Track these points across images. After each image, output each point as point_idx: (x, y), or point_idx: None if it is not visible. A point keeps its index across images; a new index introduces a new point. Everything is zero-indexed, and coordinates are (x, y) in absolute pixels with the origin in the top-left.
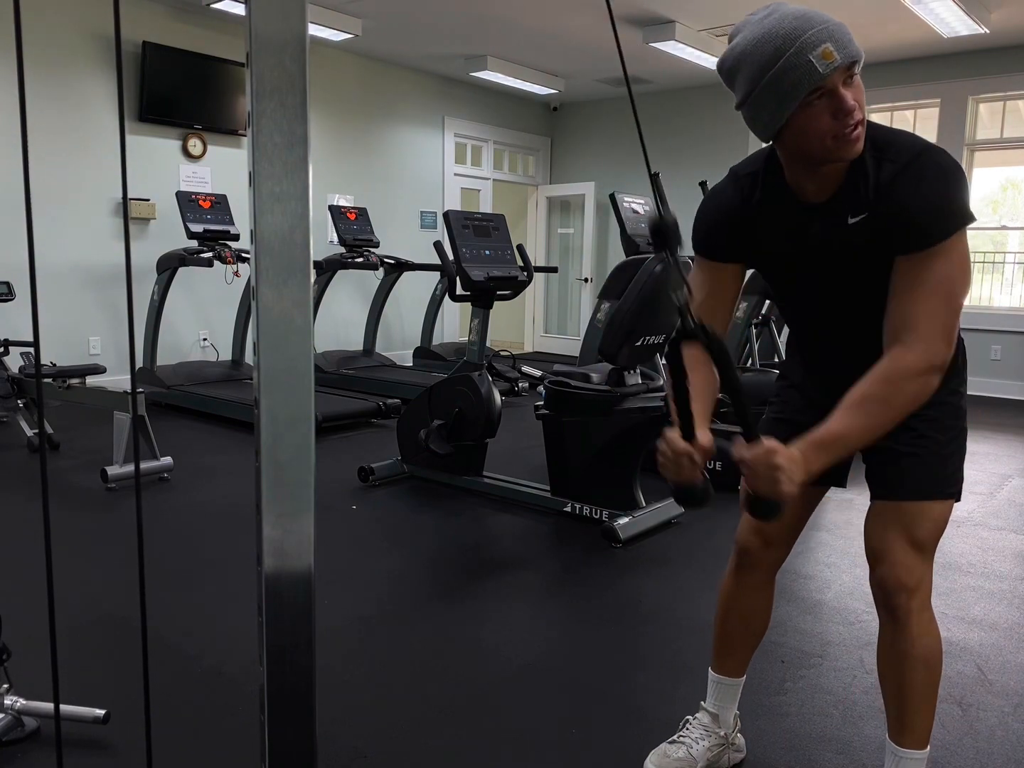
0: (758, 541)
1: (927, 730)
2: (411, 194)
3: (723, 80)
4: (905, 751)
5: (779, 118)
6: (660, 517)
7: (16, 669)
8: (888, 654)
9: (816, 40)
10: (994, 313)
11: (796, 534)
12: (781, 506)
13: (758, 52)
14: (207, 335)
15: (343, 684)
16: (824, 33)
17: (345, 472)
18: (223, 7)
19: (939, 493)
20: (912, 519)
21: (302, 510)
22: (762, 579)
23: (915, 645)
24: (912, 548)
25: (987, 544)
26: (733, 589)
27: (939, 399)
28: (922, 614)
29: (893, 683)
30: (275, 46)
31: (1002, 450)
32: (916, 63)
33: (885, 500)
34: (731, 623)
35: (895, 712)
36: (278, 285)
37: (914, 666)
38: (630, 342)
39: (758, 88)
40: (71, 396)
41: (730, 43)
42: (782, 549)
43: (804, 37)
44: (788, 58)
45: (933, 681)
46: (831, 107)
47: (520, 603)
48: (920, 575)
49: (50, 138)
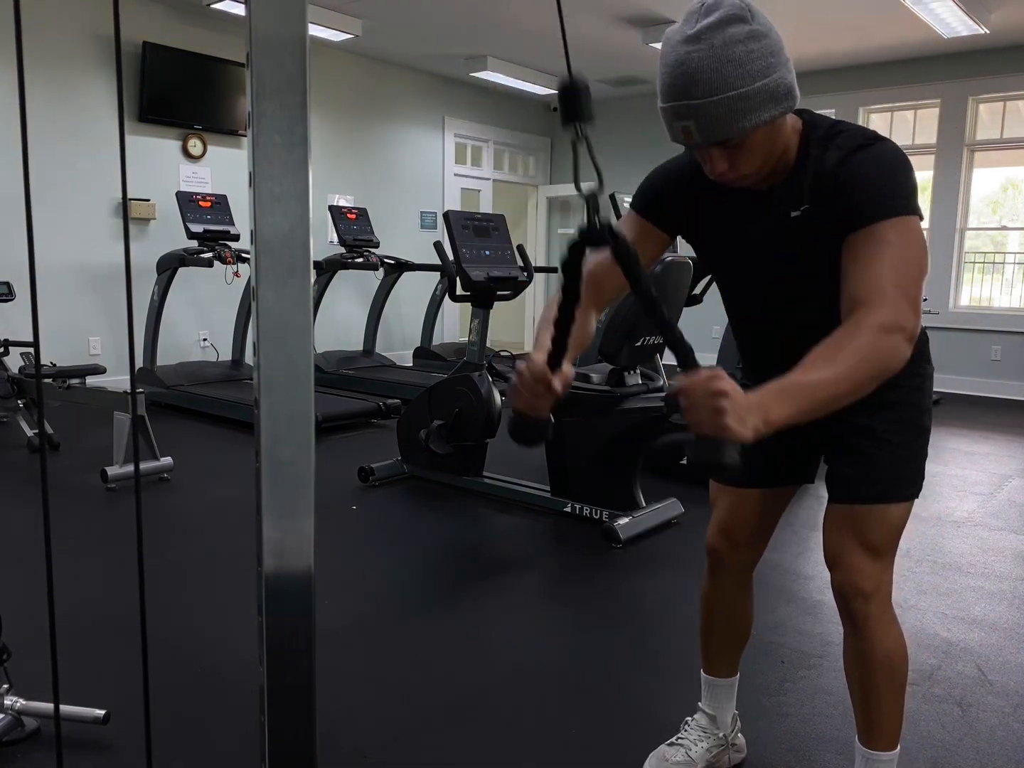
0: (726, 544)
1: (896, 731)
2: (411, 194)
3: None
4: (874, 753)
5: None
6: (660, 517)
7: (16, 669)
8: (851, 658)
9: (682, 114)
10: (994, 313)
11: (767, 535)
12: (726, 447)
13: (661, 67)
14: (207, 335)
15: (343, 684)
16: (689, 111)
17: (345, 472)
18: (223, 7)
19: (896, 496)
20: (867, 523)
21: (302, 510)
22: (737, 581)
23: (876, 649)
24: (868, 553)
25: (987, 544)
26: (709, 592)
27: (899, 398)
28: (882, 617)
29: (858, 687)
30: (275, 46)
31: (1002, 450)
32: (916, 63)
33: (840, 503)
34: (713, 625)
35: (862, 715)
36: (278, 285)
37: (877, 669)
38: (630, 342)
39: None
40: (71, 396)
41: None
42: (753, 550)
43: (673, 105)
44: (663, 111)
45: (898, 683)
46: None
47: (520, 603)
48: (877, 579)
49: (50, 138)
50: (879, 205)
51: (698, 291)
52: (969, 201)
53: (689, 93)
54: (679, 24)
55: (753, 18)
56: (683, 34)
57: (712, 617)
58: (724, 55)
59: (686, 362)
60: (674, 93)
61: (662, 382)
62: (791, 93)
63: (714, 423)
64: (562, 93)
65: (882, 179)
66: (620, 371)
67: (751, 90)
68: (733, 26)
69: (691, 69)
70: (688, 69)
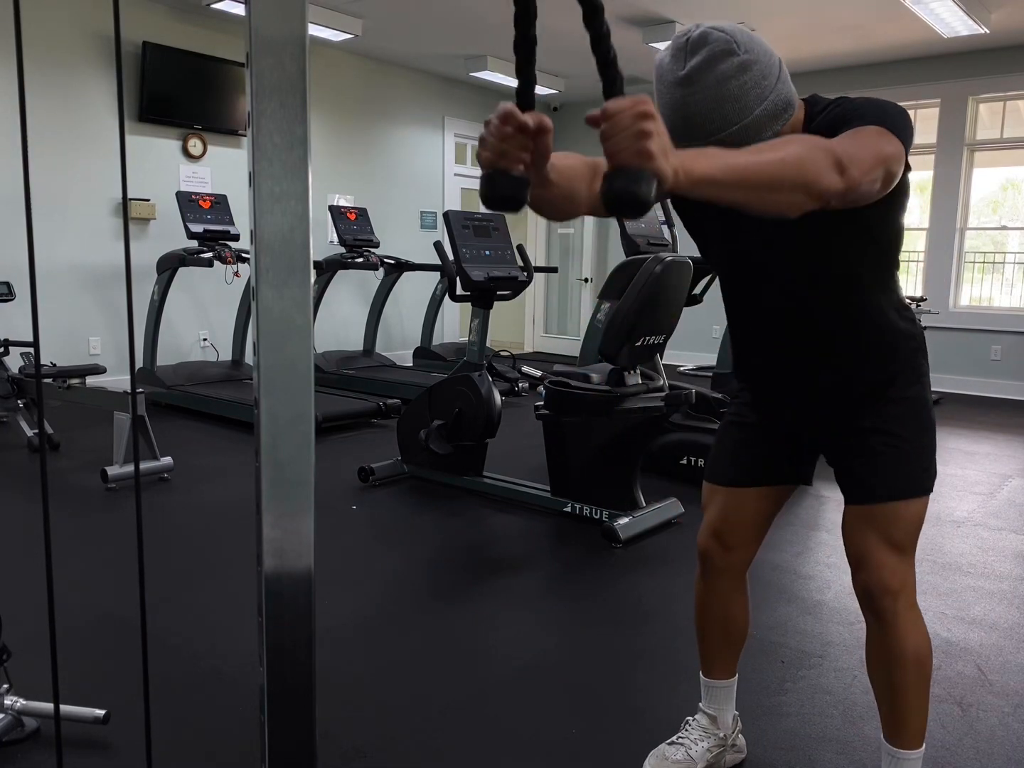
0: (717, 545)
1: (922, 729)
2: (411, 194)
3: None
4: (901, 752)
5: None
6: (660, 517)
7: (16, 669)
8: (877, 656)
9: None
10: (994, 313)
11: (760, 535)
12: (645, 177)
13: (658, 103)
14: (207, 335)
15: (343, 684)
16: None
17: (345, 472)
18: (223, 7)
19: (912, 491)
20: (888, 521)
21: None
22: (730, 583)
23: (905, 646)
24: (892, 550)
25: (987, 544)
26: (703, 595)
27: (901, 395)
28: (908, 614)
29: (885, 685)
30: (275, 46)
31: (1002, 450)
32: (916, 63)
33: (859, 504)
34: (708, 628)
35: (888, 713)
36: (278, 285)
37: (905, 666)
38: (630, 342)
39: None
40: (71, 396)
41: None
42: (744, 552)
43: (678, 144)
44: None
45: (924, 680)
46: None
47: (520, 603)
48: (903, 576)
49: (50, 138)
50: (867, 117)
51: (698, 291)
52: (969, 201)
53: (692, 135)
54: (668, 59)
55: (739, 47)
56: (675, 75)
57: (706, 619)
58: (719, 94)
59: (613, 89)
60: (678, 134)
61: (662, 382)
62: (790, 102)
63: (637, 148)
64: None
65: (873, 107)
66: (620, 371)
67: (751, 119)
68: (722, 62)
69: (690, 113)
70: (687, 113)
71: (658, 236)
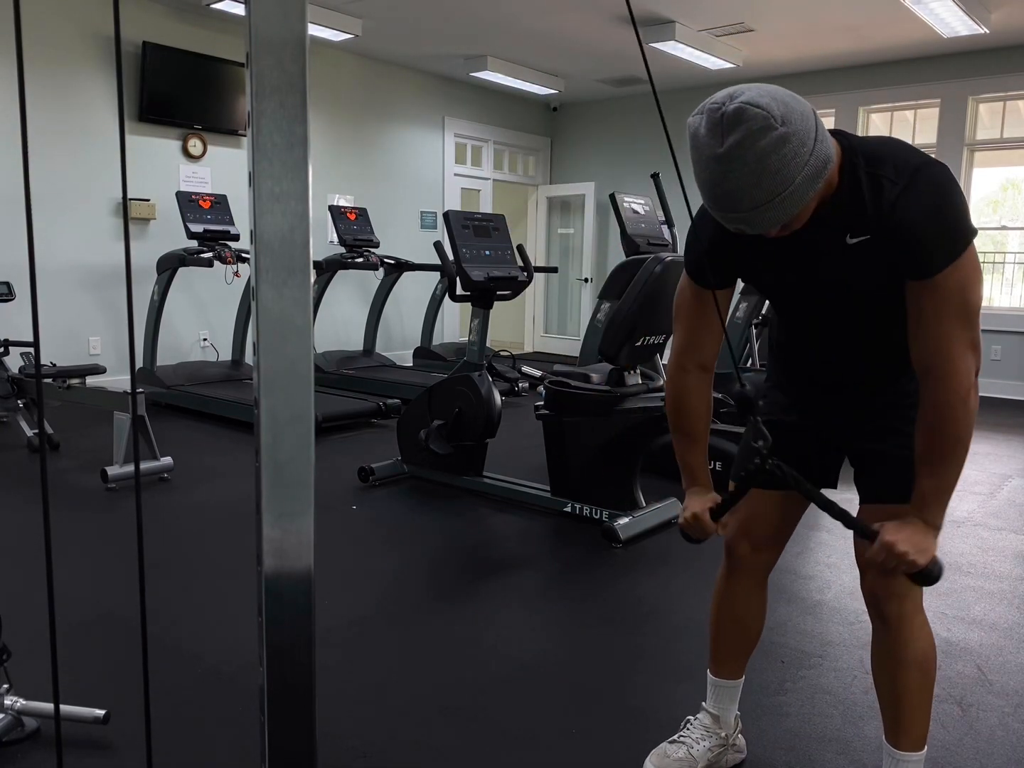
0: (747, 546)
1: (924, 732)
2: (411, 194)
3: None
4: (903, 754)
5: None
6: (660, 517)
7: (16, 669)
8: (883, 659)
9: (732, 220)
10: (994, 313)
11: (785, 537)
12: (932, 570)
13: (696, 172)
14: (207, 335)
15: (343, 684)
16: (740, 219)
17: (345, 472)
18: (223, 7)
19: None
20: None
21: (302, 510)
22: (753, 583)
23: (910, 649)
24: None
25: (987, 544)
26: (725, 594)
27: (917, 400)
28: (915, 618)
29: (889, 687)
30: (275, 46)
31: (1002, 450)
32: (916, 63)
33: (872, 504)
34: (725, 627)
35: (891, 715)
36: (278, 285)
37: (909, 670)
38: (630, 342)
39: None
40: (71, 396)
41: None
42: (771, 553)
43: (722, 215)
44: (711, 210)
45: (928, 683)
46: None
47: (520, 603)
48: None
49: (50, 138)
50: (943, 252)
51: None
52: (969, 201)
53: (735, 208)
54: (704, 132)
55: (776, 120)
56: (713, 151)
57: (724, 617)
58: (760, 169)
59: (864, 535)
60: (720, 207)
61: (662, 382)
62: (829, 157)
63: (912, 569)
64: (737, 398)
65: (935, 225)
66: (620, 371)
67: (794, 187)
68: (762, 139)
69: (732, 188)
70: (729, 188)
71: (658, 236)
